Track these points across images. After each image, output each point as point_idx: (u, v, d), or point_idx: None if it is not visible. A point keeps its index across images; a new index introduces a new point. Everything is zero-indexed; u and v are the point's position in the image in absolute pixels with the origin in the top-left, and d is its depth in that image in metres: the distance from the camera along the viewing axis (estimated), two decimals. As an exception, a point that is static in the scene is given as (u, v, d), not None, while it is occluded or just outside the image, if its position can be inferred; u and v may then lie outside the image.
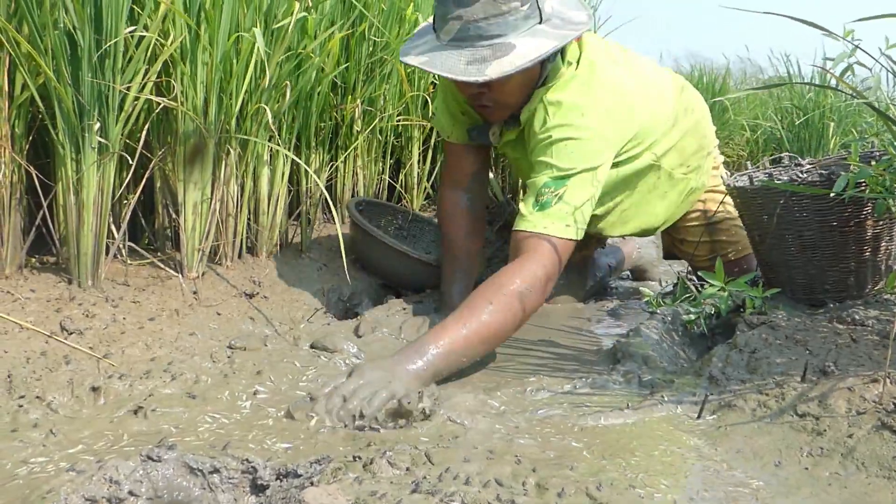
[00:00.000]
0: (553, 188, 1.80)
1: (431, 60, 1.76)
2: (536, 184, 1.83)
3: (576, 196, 1.82)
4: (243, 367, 1.58)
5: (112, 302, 1.72)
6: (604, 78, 1.95)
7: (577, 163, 1.83)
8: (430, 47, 1.80)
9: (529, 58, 1.72)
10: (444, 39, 1.78)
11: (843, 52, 1.58)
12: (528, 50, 1.73)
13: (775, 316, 1.75)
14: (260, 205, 2.17)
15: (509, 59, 1.72)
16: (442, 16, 1.77)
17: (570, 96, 1.89)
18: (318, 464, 1.11)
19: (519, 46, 1.73)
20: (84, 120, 1.67)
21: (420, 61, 1.78)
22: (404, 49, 1.87)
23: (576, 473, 1.14)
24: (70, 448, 1.23)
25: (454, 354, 1.58)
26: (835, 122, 5.21)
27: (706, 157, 2.37)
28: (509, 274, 1.72)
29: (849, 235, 1.90)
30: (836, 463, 1.19)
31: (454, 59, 1.74)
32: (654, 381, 1.58)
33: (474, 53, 1.74)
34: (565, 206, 1.80)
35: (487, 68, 1.71)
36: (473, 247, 2.20)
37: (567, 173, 1.82)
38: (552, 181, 1.81)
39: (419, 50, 1.81)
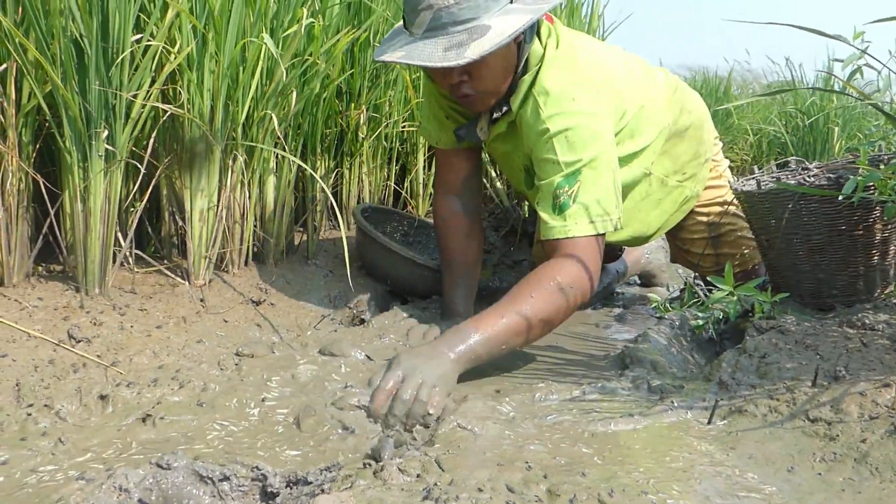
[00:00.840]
0: (567, 187, 1.79)
1: (409, 54, 1.74)
2: (550, 185, 1.81)
3: (591, 188, 1.80)
4: (251, 374, 1.58)
5: (119, 310, 1.71)
6: (585, 56, 1.93)
7: (581, 152, 1.81)
8: (405, 42, 1.77)
9: (507, 34, 1.70)
10: (416, 33, 1.75)
11: (852, 54, 1.57)
12: (504, 28, 1.71)
13: (785, 320, 1.74)
14: (266, 212, 2.17)
15: (487, 39, 1.69)
16: (412, 8, 1.74)
17: (558, 83, 1.86)
18: (328, 471, 1.11)
19: (494, 26, 1.71)
20: (91, 128, 1.67)
21: (397, 56, 1.75)
22: (379, 50, 1.83)
23: (587, 480, 1.13)
24: (79, 456, 1.22)
25: (493, 342, 1.62)
26: (839, 127, 5.21)
27: (703, 164, 2.34)
28: (549, 269, 1.73)
29: (857, 239, 1.89)
30: (850, 468, 1.18)
31: (430, 48, 1.71)
32: (663, 387, 1.57)
33: (450, 39, 1.71)
34: (583, 202, 1.79)
35: (466, 51, 1.68)
36: (472, 251, 2.18)
37: (576, 167, 1.80)
38: (564, 180, 1.80)
39: (394, 47, 1.78)
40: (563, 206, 1.79)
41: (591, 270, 1.77)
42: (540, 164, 1.86)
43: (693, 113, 2.29)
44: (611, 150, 1.88)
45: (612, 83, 1.98)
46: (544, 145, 1.84)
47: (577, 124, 1.82)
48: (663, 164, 2.19)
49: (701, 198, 2.38)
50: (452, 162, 2.18)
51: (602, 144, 1.84)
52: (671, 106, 2.19)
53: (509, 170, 2.21)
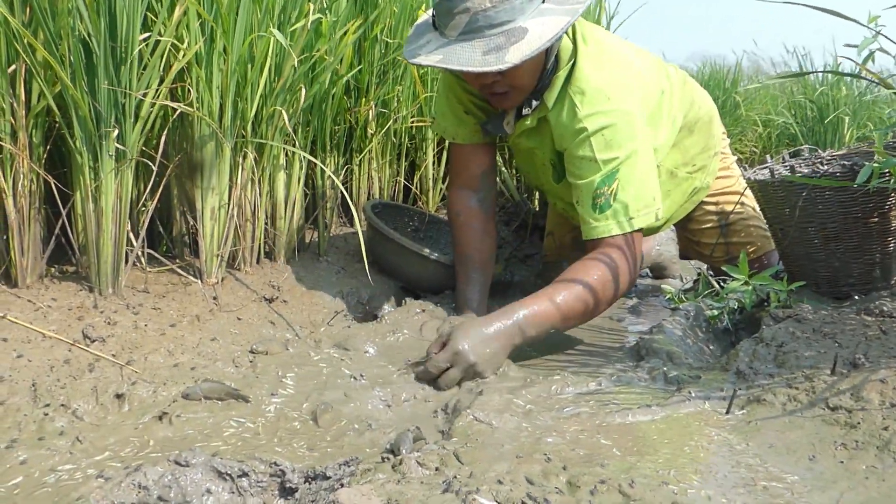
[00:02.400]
0: (606, 187, 1.84)
1: (446, 58, 1.74)
2: (590, 186, 1.85)
3: (630, 185, 1.84)
4: (266, 371, 1.58)
5: (133, 309, 1.71)
6: (612, 53, 1.96)
7: (617, 150, 1.84)
8: (439, 44, 1.77)
9: (546, 38, 1.71)
10: (451, 35, 1.76)
11: (866, 38, 1.56)
12: (542, 31, 1.72)
13: (801, 309, 1.72)
14: (277, 209, 2.17)
15: (526, 43, 1.70)
16: (446, 11, 1.75)
17: (593, 81, 1.88)
18: (346, 465, 1.10)
19: (531, 29, 1.72)
20: (101, 127, 1.67)
21: (434, 60, 1.76)
22: (409, 51, 1.83)
23: (607, 471, 1.12)
24: (97, 455, 1.22)
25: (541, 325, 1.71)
26: (850, 116, 5.17)
27: (712, 157, 2.35)
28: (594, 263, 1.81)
29: (873, 227, 1.88)
30: (872, 456, 1.17)
31: (469, 52, 1.73)
32: (679, 378, 1.56)
33: (488, 43, 1.72)
34: (623, 201, 1.84)
35: (506, 55, 1.70)
36: (486, 247, 2.17)
37: (613, 166, 1.84)
38: (603, 180, 1.84)
39: (427, 49, 1.79)
40: (604, 206, 1.84)
41: (632, 264, 1.85)
42: (576, 161, 1.88)
43: (702, 108, 2.30)
44: (646, 144, 1.92)
45: (639, 78, 2.00)
46: (581, 144, 1.86)
47: (614, 122, 1.85)
48: (672, 157, 2.19)
49: (710, 188, 2.39)
50: (469, 157, 2.17)
51: (638, 140, 1.88)
52: (682, 100, 2.20)
53: (529, 165, 2.20)
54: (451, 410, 1.45)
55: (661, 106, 2.08)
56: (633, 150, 1.86)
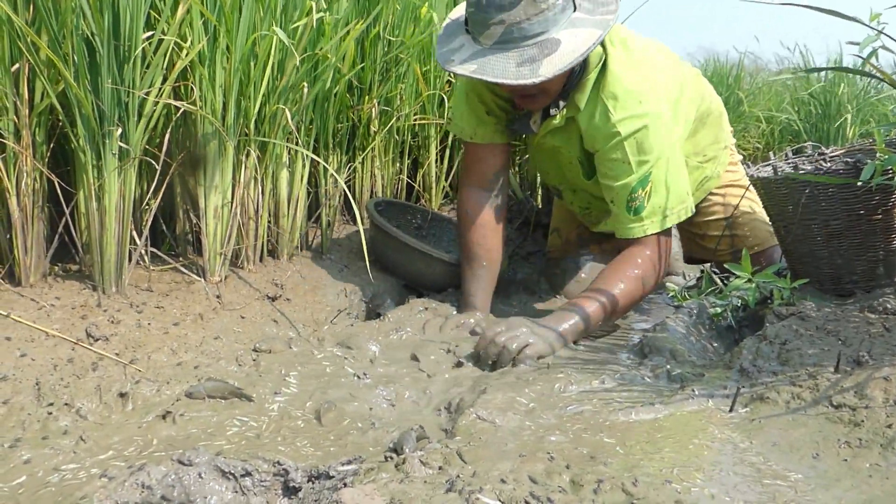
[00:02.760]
0: (641, 190, 1.92)
1: (481, 68, 1.79)
2: (626, 189, 1.93)
3: (663, 186, 1.93)
4: (269, 369, 1.58)
5: (136, 308, 1.72)
6: (639, 53, 2.01)
7: (650, 153, 1.91)
8: (473, 53, 1.82)
9: (578, 53, 1.77)
10: (486, 44, 1.80)
11: (868, 36, 1.55)
12: (575, 44, 1.77)
13: (805, 307, 1.72)
14: (280, 207, 2.17)
15: (559, 56, 1.76)
16: (481, 21, 1.79)
17: (623, 85, 1.93)
18: (349, 464, 1.10)
19: (563, 41, 1.78)
20: (104, 126, 1.67)
21: (469, 70, 1.80)
22: (442, 56, 1.87)
23: (610, 469, 1.12)
24: (100, 454, 1.23)
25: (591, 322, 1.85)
26: (852, 113, 5.16)
27: (722, 149, 2.39)
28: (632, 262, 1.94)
29: (876, 224, 1.87)
30: (876, 454, 1.17)
31: (503, 62, 1.77)
32: (683, 375, 1.56)
33: (521, 54, 1.77)
34: (657, 203, 1.94)
35: (540, 68, 1.75)
36: (495, 247, 2.16)
37: (647, 170, 1.92)
38: (638, 183, 1.92)
39: (461, 56, 1.83)
40: (639, 208, 1.94)
41: (664, 260, 1.98)
42: (609, 164, 1.95)
43: (712, 102, 2.34)
44: (676, 145, 2.00)
45: (664, 75, 2.05)
46: (615, 148, 1.92)
47: (646, 126, 1.91)
48: (685, 148, 2.22)
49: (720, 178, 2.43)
50: (485, 157, 2.18)
51: (669, 141, 1.96)
52: (695, 94, 2.24)
53: (552, 163, 2.23)
54: (454, 409, 1.45)
55: (680, 100, 2.12)
56: (665, 151, 1.93)
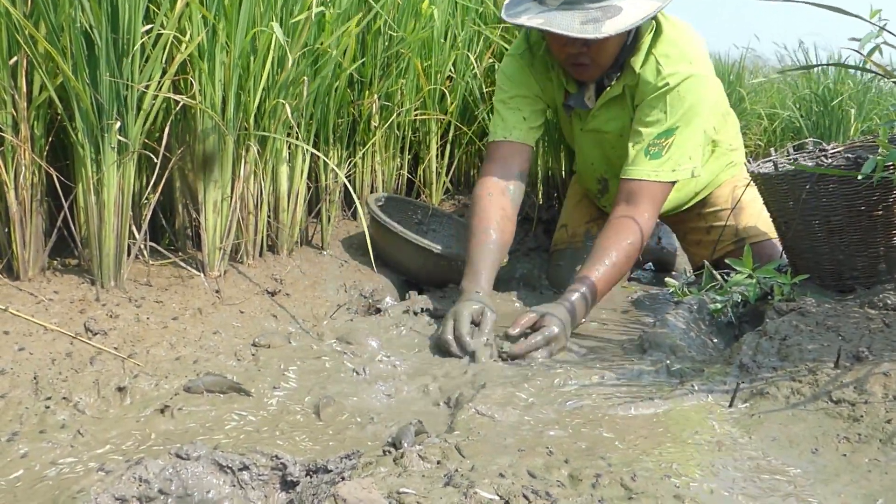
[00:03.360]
0: (664, 139, 2.06)
1: (547, 21, 1.94)
2: (651, 134, 2.06)
3: (683, 144, 2.06)
4: (268, 364, 1.58)
5: (135, 302, 1.71)
6: (690, 31, 2.17)
7: (683, 108, 2.05)
8: (539, 11, 1.98)
9: (640, 17, 1.94)
10: (552, 4, 1.97)
11: (870, 32, 1.55)
12: (636, 11, 1.95)
13: (805, 302, 1.72)
14: (280, 202, 2.16)
15: (621, 18, 1.92)
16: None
17: (677, 46, 2.09)
18: (348, 459, 1.10)
19: (625, 8, 1.94)
20: (103, 120, 1.67)
21: (536, 23, 1.95)
22: (510, 12, 2.03)
23: (609, 464, 1.12)
24: (98, 448, 1.22)
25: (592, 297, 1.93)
26: (855, 109, 5.15)
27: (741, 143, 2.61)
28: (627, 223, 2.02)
29: (877, 220, 1.87)
30: (875, 449, 1.16)
31: (568, 19, 1.93)
32: (683, 371, 1.56)
33: (586, 15, 1.93)
34: (673, 154, 2.06)
35: (603, 27, 1.91)
36: (508, 231, 2.14)
37: (676, 123, 2.05)
38: (663, 133, 2.06)
39: (528, 14, 1.99)
40: (656, 154, 2.06)
41: (657, 212, 2.10)
42: (646, 110, 2.09)
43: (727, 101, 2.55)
44: (708, 109, 2.12)
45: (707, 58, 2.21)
46: (657, 97, 2.07)
47: (689, 82, 2.06)
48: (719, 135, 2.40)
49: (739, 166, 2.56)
50: (513, 154, 2.22)
51: (704, 103, 2.09)
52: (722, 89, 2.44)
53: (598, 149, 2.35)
54: (453, 404, 1.45)
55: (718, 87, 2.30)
56: (697, 110, 2.07)
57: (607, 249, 1.97)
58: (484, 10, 2.90)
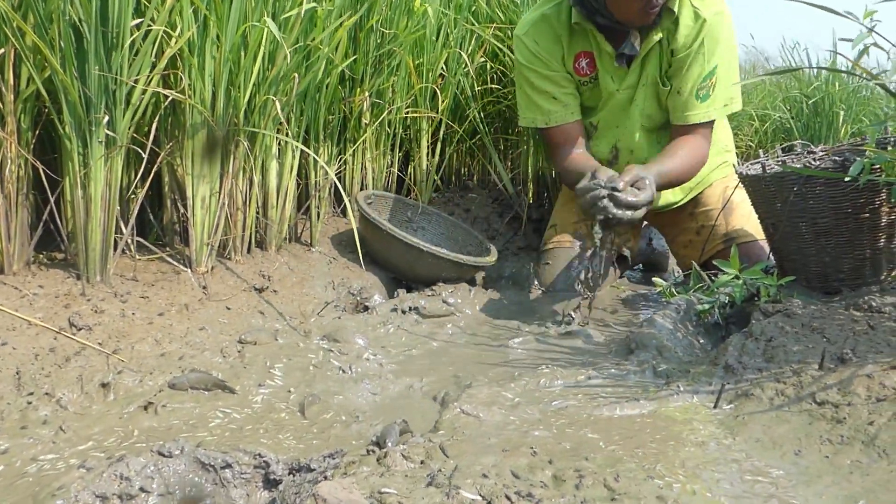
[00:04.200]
0: (710, 79, 2.24)
1: None
2: (698, 77, 2.24)
3: (725, 80, 2.26)
4: (254, 361, 1.57)
5: (121, 297, 1.70)
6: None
7: (721, 47, 2.23)
8: None
9: None
10: None
11: (861, 34, 1.55)
12: None
13: (791, 304, 1.72)
14: (269, 198, 2.16)
15: None
16: None
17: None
18: (331, 458, 1.10)
19: None
20: (91, 113, 1.66)
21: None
22: None
23: (593, 464, 1.12)
24: (80, 445, 1.22)
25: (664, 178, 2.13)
26: (844, 111, 5.17)
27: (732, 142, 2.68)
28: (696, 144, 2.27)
29: (863, 222, 1.87)
30: (858, 451, 1.17)
31: None
32: (669, 371, 1.56)
33: None
34: (720, 93, 2.26)
35: None
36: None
37: (716, 62, 2.23)
38: (708, 73, 2.23)
39: None
40: (706, 96, 2.25)
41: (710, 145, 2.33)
42: (688, 56, 2.23)
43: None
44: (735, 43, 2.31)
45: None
46: (698, 40, 2.21)
47: (722, 23, 2.23)
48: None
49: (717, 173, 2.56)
50: (568, 134, 2.38)
51: (733, 39, 2.29)
52: None
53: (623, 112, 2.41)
54: (439, 403, 1.45)
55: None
56: (730, 46, 2.26)
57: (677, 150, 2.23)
58: (477, 8, 2.90)
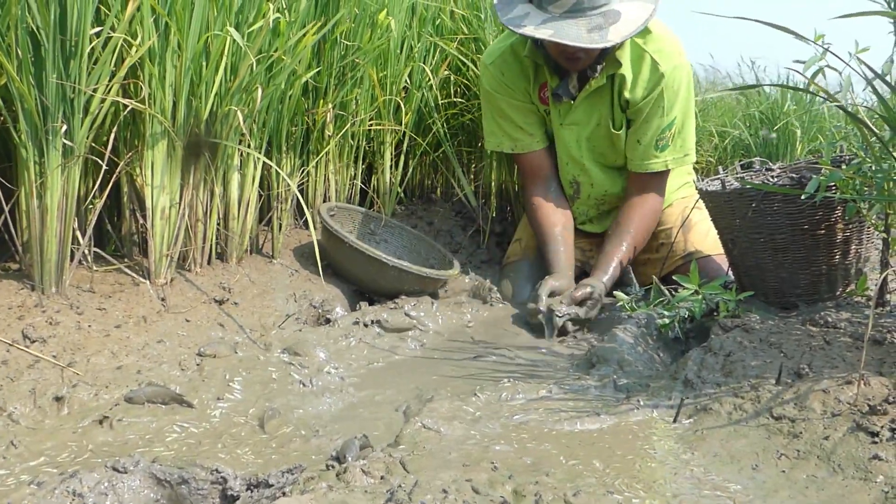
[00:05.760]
0: (668, 131, 2.27)
1: (557, 33, 2.04)
2: (658, 128, 2.27)
3: (684, 131, 2.31)
4: (213, 374, 1.55)
5: (77, 309, 1.67)
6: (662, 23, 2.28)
7: (681, 100, 2.26)
8: (544, 19, 2.07)
9: (639, 23, 2.08)
10: (555, 12, 2.07)
11: (814, 55, 1.58)
12: (635, 14, 2.08)
13: (749, 319, 1.75)
14: (230, 210, 2.13)
15: (623, 24, 2.06)
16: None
17: (667, 41, 2.25)
18: (290, 473, 1.09)
19: (622, 12, 2.08)
20: (48, 122, 1.63)
21: (547, 34, 2.04)
22: (510, 21, 2.12)
23: (553, 480, 1.12)
24: (32, 460, 1.19)
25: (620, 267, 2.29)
26: (801, 129, 5.27)
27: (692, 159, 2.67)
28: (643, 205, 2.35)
29: (819, 238, 1.91)
30: (813, 465, 1.19)
31: (574, 29, 2.04)
32: (629, 386, 1.57)
33: (590, 22, 2.05)
34: (678, 143, 2.31)
35: (608, 34, 2.04)
36: (567, 218, 2.45)
37: (675, 114, 2.26)
38: (666, 127, 2.27)
39: (531, 22, 2.08)
40: (664, 146, 2.30)
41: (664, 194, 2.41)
42: (649, 108, 2.26)
43: None
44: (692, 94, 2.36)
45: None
46: (659, 94, 2.24)
47: (683, 76, 2.27)
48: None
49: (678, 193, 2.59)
50: (539, 161, 2.45)
51: (691, 90, 2.33)
52: None
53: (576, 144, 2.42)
54: (400, 417, 1.44)
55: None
56: (689, 97, 2.30)
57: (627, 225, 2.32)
58: (440, 22, 2.91)
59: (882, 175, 1.58)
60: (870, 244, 1.99)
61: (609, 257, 2.30)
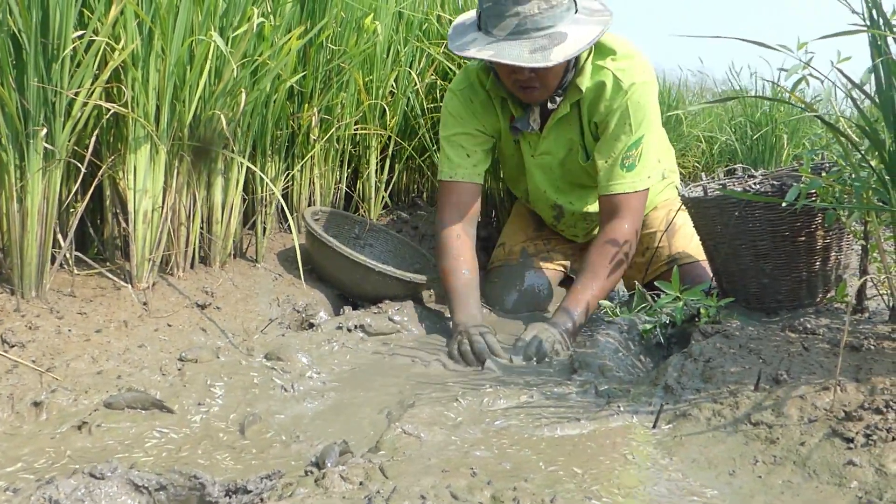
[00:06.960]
0: (634, 150, 2.18)
1: (497, 53, 1.98)
2: (623, 148, 2.18)
3: (649, 151, 2.20)
4: (194, 379, 1.54)
5: (57, 313, 1.66)
6: (625, 40, 2.24)
7: (645, 118, 2.18)
8: (488, 42, 2.02)
9: (584, 42, 2.01)
10: (499, 35, 2.01)
11: (795, 65, 1.60)
12: (580, 36, 2.01)
13: (729, 325, 1.76)
14: (213, 213, 2.13)
15: (568, 45, 1.98)
16: (498, 13, 2.00)
17: (628, 60, 2.18)
18: (268, 479, 1.08)
19: (569, 34, 2.01)
20: (29, 125, 1.62)
21: (487, 54, 1.99)
22: (457, 46, 2.07)
23: (531, 485, 1.13)
24: (8, 466, 1.18)
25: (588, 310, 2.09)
26: (787, 135, 5.31)
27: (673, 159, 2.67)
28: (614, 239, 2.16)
29: (800, 245, 1.92)
30: (789, 471, 1.20)
31: (517, 49, 1.98)
32: (610, 391, 1.58)
33: (534, 43, 1.98)
34: (644, 164, 2.20)
35: (551, 54, 1.96)
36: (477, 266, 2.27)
37: (641, 134, 2.17)
38: (633, 144, 2.18)
39: (477, 45, 2.03)
40: (631, 166, 2.19)
41: (640, 220, 2.24)
42: (614, 127, 2.18)
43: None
44: (658, 113, 2.28)
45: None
46: (623, 112, 2.17)
47: (647, 92, 2.19)
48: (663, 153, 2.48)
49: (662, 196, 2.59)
50: (468, 195, 2.31)
51: (657, 108, 2.26)
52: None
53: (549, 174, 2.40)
54: (381, 422, 1.44)
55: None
56: (654, 118, 2.22)
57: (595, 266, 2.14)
58: (427, 27, 2.92)
59: (861, 183, 1.60)
60: (850, 251, 2.01)
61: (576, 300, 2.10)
